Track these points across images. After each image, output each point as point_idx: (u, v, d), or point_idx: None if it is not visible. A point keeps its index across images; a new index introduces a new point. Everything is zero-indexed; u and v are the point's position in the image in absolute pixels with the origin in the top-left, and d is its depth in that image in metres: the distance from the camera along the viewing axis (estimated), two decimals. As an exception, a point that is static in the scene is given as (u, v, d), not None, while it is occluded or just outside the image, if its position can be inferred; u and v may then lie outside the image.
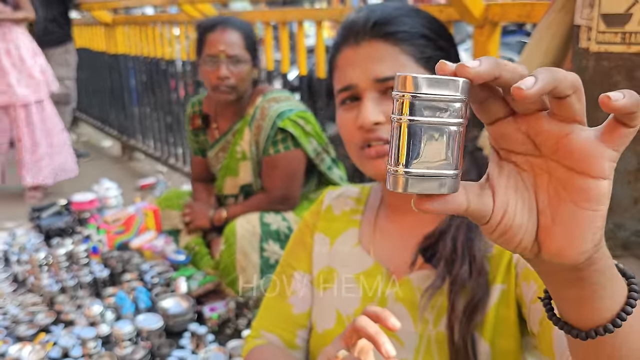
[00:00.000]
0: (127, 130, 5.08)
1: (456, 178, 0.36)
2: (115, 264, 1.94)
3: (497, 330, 0.76)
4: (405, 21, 0.81)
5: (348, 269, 0.89)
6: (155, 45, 4.21)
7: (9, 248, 2.16)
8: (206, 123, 2.06)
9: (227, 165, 2.00)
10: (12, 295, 1.91)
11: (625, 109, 0.34)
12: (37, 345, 1.59)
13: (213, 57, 1.84)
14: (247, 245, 1.72)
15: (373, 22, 0.80)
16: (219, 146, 2.03)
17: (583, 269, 0.40)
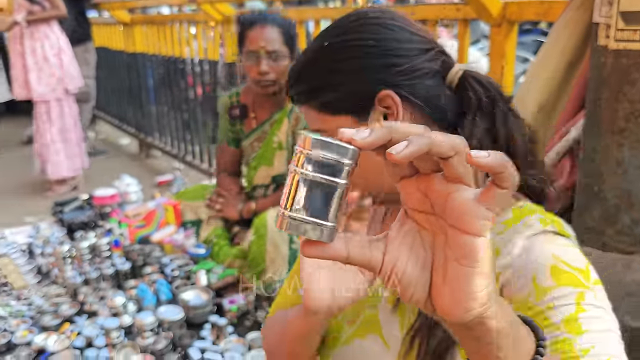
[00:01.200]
0: (145, 128, 5.14)
1: (332, 229, 0.40)
2: (136, 257, 1.98)
3: None
4: (302, 76, 0.79)
5: None
6: (173, 44, 4.27)
7: (33, 241, 2.22)
8: (243, 113, 2.10)
9: (262, 155, 2.05)
10: (37, 287, 1.96)
11: (489, 168, 0.37)
12: (62, 335, 1.64)
13: (253, 52, 1.89)
14: (278, 237, 1.77)
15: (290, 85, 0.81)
16: (255, 136, 2.08)
17: (473, 328, 0.41)
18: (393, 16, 0.77)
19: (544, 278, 0.65)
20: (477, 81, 0.75)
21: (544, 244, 0.67)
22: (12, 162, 5.14)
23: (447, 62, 0.76)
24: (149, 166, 4.98)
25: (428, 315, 0.51)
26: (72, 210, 2.42)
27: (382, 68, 0.74)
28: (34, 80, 3.80)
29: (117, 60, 5.49)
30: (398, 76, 0.73)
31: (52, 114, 3.94)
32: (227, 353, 1.51)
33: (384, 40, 0.74)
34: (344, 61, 0.76)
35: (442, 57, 0.76)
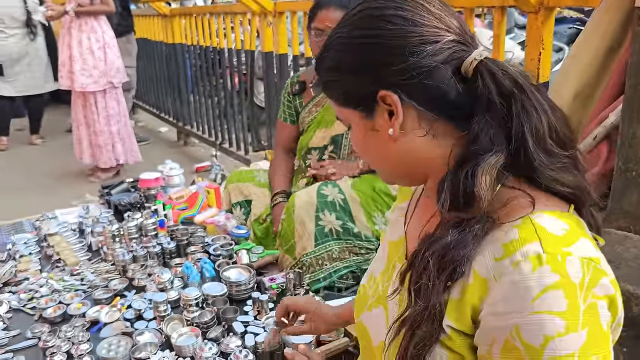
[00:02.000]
0: (183, 117, 5.28)
1: None
2: (180, 236, 2.08)
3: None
4: (320, 68, 0.82)
5: (390, 234, 0.98)
6: (211, 35, 4.37)
7: (83, 220, 2.34)
8: (302, 88, 2.27)
9: (321, 118, 2.18)
10: (88, 263, 2.07)
11: None
12: (114, 307, 1.74)
13: (320, 30, 2.02)
14: (305, 215, 1.88)
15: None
16: (314, 102, 2.22)
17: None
18: (398, 4, 0.73)
19: (496, 349, 0.66)
20: (491, 74, 0.70)
21: (515, 311, 0.63)
22: (57, 149, 5.37)
23: (461, 51, 0.72)
24: (187, 153, 5.13)
25: (417, 310, 0.65)
26: (119, 193, 2.53)
27: (379, 67, 0.73)
28: (78, 71, 3.96)
29: (156, 50, 5.64)
30: (396, 75, 0.72)
31: (97, 105, 4.09)
32: (269, 327, 1.59)
33: (381, 37, 0.72)
34: (345, 58, 0.77)
35: (455, 47, 0.72)
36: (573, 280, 0.62)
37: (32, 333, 1.65)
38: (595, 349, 0.62)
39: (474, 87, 0.71)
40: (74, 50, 3.93)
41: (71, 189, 4.09)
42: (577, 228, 0.69)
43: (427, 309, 0.70)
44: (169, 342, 1.55)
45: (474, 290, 0.68)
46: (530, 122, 0.69)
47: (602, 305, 0.63)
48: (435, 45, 0.71)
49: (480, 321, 0.68)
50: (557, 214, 0.69)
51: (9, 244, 2.23)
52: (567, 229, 0.67)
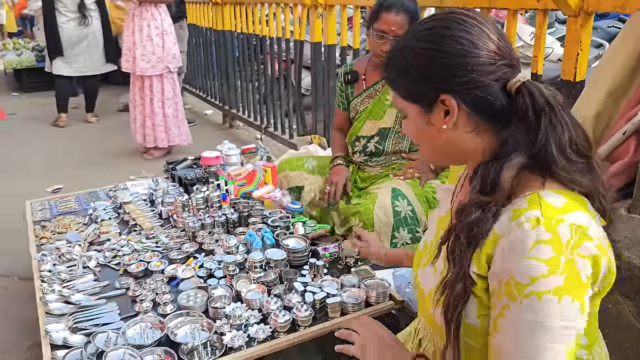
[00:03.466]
0: (228, 100, 5.54)
1: None
2: (242, 208, 2.33)
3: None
4: (389, 67, 1.05)
5: (438, 211, 1.18)
6: (262, 24, 4.58)
7: (153, 192, 2.61)
8: (354, 78, 2.47)
9: (372, 110, 2.41)
10: (160, 229, 2.34)
11: None
12: (188, 266, 2.00)
13: (383, 32, 2.19)
14: (382, 233, 2.15)
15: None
16: (366, 94, 2.44)
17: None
18: (465, 28, 0.93)
19: (500, 285, 0.88)
20: (529, 93, 0.91)
21: (512, 258, 0.84)
22: (110, 127, 5.71)
23: (509, 73, 0.93)
24: (233, 135, 5.39)
25: (453, 274, 0.94)
26: (183, 168, 2.80)
27: (445, 76, 0.94)
28: (139, 56, 4.25)
29: (205, 36, 5.89)
30: (457, 86, 0.93)
31: (153, 88, 4.38)
32: (324, 288, 1.82)
33: (449, 53, 0.92)
34: (416, 64, 0.97)
35: (505, 69, 0.93)
36: (561, 239, 0.82)
37: (120, 284, 1.92)
38: (569, 292, 0.82)
39: (515, 101, 0.93)
40: (135, 36, 4.22)
41: (128, 164, 4.41)
42: (576, 203, 0.88)
43: (460, 273, 0.93)
44: (239, 296, 1.80)
45: (489, 243, 0.90)
46: (555, 133, 0.91)
47: (583, 262, 0.83)
48: (491, 67, 0.92)
49: (492, 265, 0.90)
50: (562, 192, 0.89)
51: (90, 209, 2.52)
52: (566, 202, 0.87)
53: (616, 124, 1.74)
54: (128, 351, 1.50)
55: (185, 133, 4.62)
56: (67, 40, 5.43)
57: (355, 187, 2.49)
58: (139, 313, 1.74)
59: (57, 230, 2.34)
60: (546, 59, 3.98)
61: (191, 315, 1.70)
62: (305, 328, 1.69)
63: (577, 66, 1.96)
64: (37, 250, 2.19)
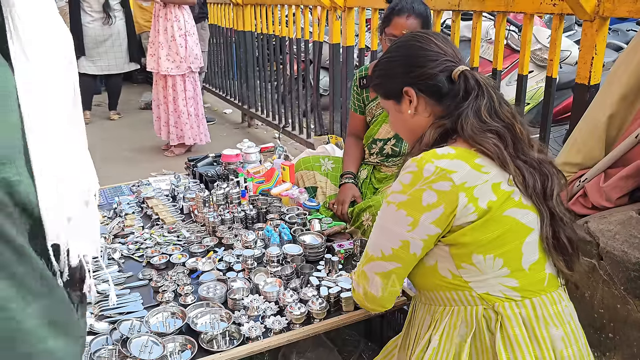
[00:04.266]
0: (248, 100, 5.62)
1: None
2: (261, 205, 2.39)
3: None
4: (372, 78, 1.45)
5: None
6: (282, 25, 4.65)
7: (175, 187, 2.69)
8: (369, 82, 2.45)
9: (387, 114, 2.40)
10: (182, 224, 2.42)
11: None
12: (209, 259, 2.07)
13: (395, 36, 2.23)
14: None
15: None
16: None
17: None
18: (420, 40, 1.32)
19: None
20: (465, 78, 1.26)
21: (394, 180, 1.26)
22: (132, 124, 5.83)
23: (452, 66, 1.28)
24: (251, 134, 5.48)
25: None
26: (204, 165, 2.88)
27: (406, 73, 1.33)
28: (163, 56, 4.35)
29: (225, 36, 5.99)
30: (413, 78, 1.31)
31: (175, 87, 4.48)
32: (339, 283, 1.88)
33: (409, 57, 1.33)
34: (389, 68, 1.38)
35: (448, 63, 1.29)
36: (423, 174, 1.16)
37: (143, 275, 2.00)
38: (407, 209, 1.18)
39: (456, 85, 1.28)
40: (160, 37, 4.33)
41: (149, 162, 4.52)
42: (462, 157, 1.18)
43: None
44: (257, 289, 1.87)
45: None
46: (476, 102, 1.24)
47: (430, 193, 1.15)
48: (436, 62, 1.29)
49: None
50: (458, 148, 1.20)
51: (115, 203, 2.61)
52: (450, 153, 1.18)
53: (629, 128, 1.77)
54: (151, 338, 1.58)
55: (204, 132, 4.71)
56: (92, 39, 5.56)
57: (370, 187, 2.54)
58: (161, 303, 1.81)
59: (83, 223, 2.43)
60: (564, 62, 3.98)
61: (211, 306, 1.78)
62: (320, 320, 1.75)
63: (592, 70, 1.99)
64: (64, 242, 2.28)
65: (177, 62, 4.40)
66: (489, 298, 1.21)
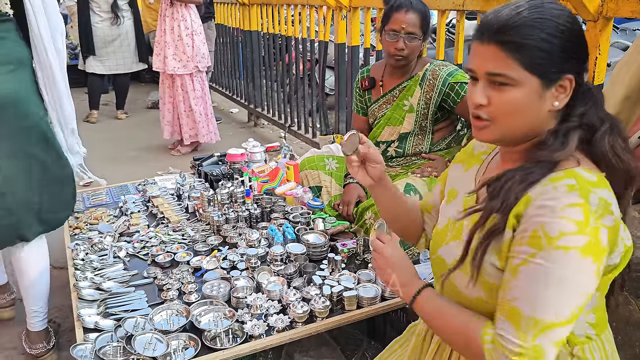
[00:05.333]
0: (254, 99, 5.64)
1: None
2: (265, 204, 2.41)
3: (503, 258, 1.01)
4: (521, 32, 0.97)
5: (463, 192, 1.22)
6: (288, 25, 4.67)
7: (180, 186, 2.72)
8: (372, 84, 2.51)
9: (391, 116, 2.44)
10: (187, 222, 2.44)
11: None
12: (213, 258, 2.09)
13: (395, 31, 2.25)
14: None
15: (496, 29, 0.99)
16: (383, 100, 2.48)
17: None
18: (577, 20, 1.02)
19: (525, 237, 0.95)
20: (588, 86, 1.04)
21: (546, 214, 0.92)
22: (140, 123, 5.87)
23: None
24: (257, 133, 5.50)
25: (493, 204, 1.02)
26: (209, 165, 2.90)
27: (579, 60, 1.00)
28: (170, 56, 4.37)
29: (232, 36, 6.01)
30: (581, 69, 1.01)
31: (184, 87, 4.50)
32: (342, 282, 1.89)
33: (584, 40, 1.01)
34: (557, 39, 0.97)
35: None
36: (591, 207, 0.91)
37: (148, 273, 2.03)
38: (591, 254, 0.90)
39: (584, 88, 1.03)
40: (167, 36, 4.35)
41: (156, 161, 4.55)
42: (605, 182, 0.97)
43: (503, 203, 0.99)
44: (260, 287, 1.88)
45: (521, 204, 0.97)
46: (612, 134, 1.02)
47: (604, 231, 0.92)
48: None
49: (521, 221, 0.96)
50: (593, 172, 0.97)
51: (121, 202, 2.63)
52: (597, 179, 0.96)
53: (632, 128, 1.77)
54: (155, 336, 1.60)
55: (213, 131, 4.73)
56: (101, 39, 5.60)
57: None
58: (166, 301, 1.83)
59: (90, 222, 2.46)
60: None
61: (214, 304, 1.80)
62: (323, 319, 1.76)
63: (596, 70, 1.98)
64: (71, 240, 2.31)
65: (184, 61, 4.42)
66: (573, 340, 1.05)
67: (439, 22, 2.83)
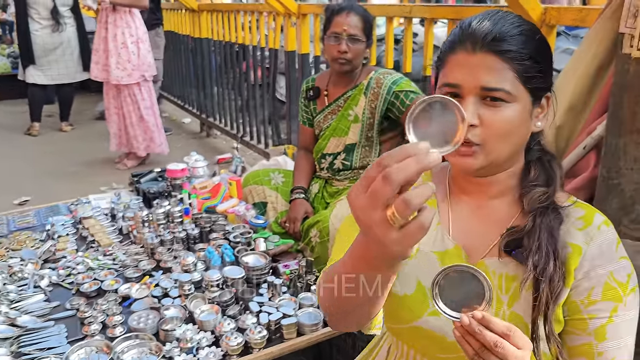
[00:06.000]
0: (206, 109, 5.47)
1: None
2: (204, 224, 2.26)
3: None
4: (519, 41, 0.87)
5: (430, 246, 0.97)
6: (237, 32, 4.53)
7: (115, 206, 2.54)
8: (316, 93, 2.40)
9: (336, 127, 2.33)
10: (119, 245, 2.27)
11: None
12: (143, 285, 1.93)
13: (337, 34, 2.17)
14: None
15: (492, 36, 0.86)
16: (328, 110, 2.37)
17: None
18: None
19: (597, 292, 0.87)
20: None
21: (607, 261, 0.87)
22: (85, 136, 5.60)
23: None
24: (209, 144, 5.32)
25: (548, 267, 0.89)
26: (147, 181, 2.73)
27: (551, 76, 0.94)
28: (113, 65, 4.16)
29: (183, 44, 5.83)
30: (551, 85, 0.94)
31: (132, 97, 4.30)
32: (281, 308, 1.76)
33: (549, 49, 0.93)
34: (547, 54, 0.91)
35: None
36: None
37: (71, 305, 1.85)
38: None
39: None
40: (109, 44, 4.13)
41: (100, 176, 4.31)
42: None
43: (556, 262, 0.87)
44: (192, 317, 1.74)
45: (573, 255, 0.89)
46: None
47: None
48: None
49: (578, 275, 0.88)
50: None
51: (48, 225, 2.44)
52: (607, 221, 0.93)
53: (577, 138, 1.71)
54: (68, 379, 1.43)
55: (163, 142, 4.54)
56: (41, 47, 5.32)
57: (322, 202, 2.43)
58: (87, 336, 1.67)
59: (12, 247, 2.26)
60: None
61: (140, 338, 1.64)
62: (259, 350, 1.63)
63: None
64: (-12, 269, 2.10)
65: (129, 70, 4.22)
66: None
67: (387, 30, 2.76)
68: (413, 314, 0.97)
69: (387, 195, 0.61)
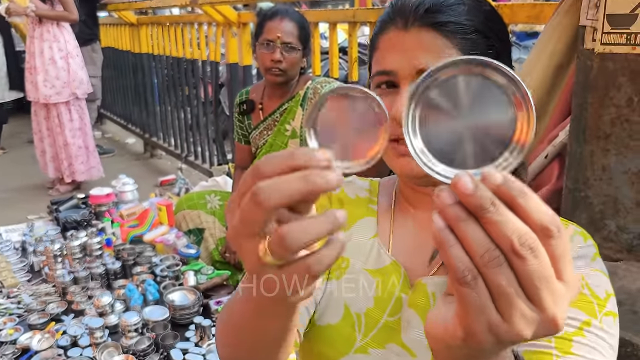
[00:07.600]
0: (149, 128, 5.17)
1: None
2: (126, 256, 1.99)
3: None
4: (460, 11, 0.71)
5: (362, 262, 0.81)
6: (178, 46, 4.28)
7: (26, 239, 2.23)
8: (250, 107, 2.18)
9: (272, 142, 2.10)
10: (27, 285, 1.96)
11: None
12: (47, 334, 1.64)
13: (270, 41, 1.95)
14: None
15: (426, 7, 0.70)
16: (264, 125, 2.14)
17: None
18: None
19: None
20: None
21: (583, 265, 0.71)
22: (17, 160, 5.20)
23: None
24: (153, 165, 5.01)
25: None
26: (68, 209, 2.43)
27: (508, 56, 0.79)
28: (40, 82, 3.82)
29: (123, 60, 5.52)
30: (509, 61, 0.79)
31: (61, 117, 3.95)
32: (209, 355, 1.51)
33: (500, 17, 0.79)
34: (501, 30, 0.75)
35: None
36: None
37: (-42, 362, 1.55)
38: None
39: None
40: (36, 60, 3.79)
41: (30, 202, 3.94)
42: None
43: None
44: (102, 372, 1.46)
45: None
46: None
47: None
48: None
49: None
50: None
51: (-55, 263, 2.11)
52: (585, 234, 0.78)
53: (538, 146, 1.54)
54: None
55: (96, 166, 4.20)
56: (-36, 66, 4.93)
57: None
58: (-32, 404, 1.37)
59: None
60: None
61: (35, 403, 1.35)
62: (181, 410, 1.37)
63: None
64: None
65: (58, 87, 3.88)
66: None
67: (330, 37, 2.56)
68: (336, 351, 0.76)
69: (259, 221, 0.39)
